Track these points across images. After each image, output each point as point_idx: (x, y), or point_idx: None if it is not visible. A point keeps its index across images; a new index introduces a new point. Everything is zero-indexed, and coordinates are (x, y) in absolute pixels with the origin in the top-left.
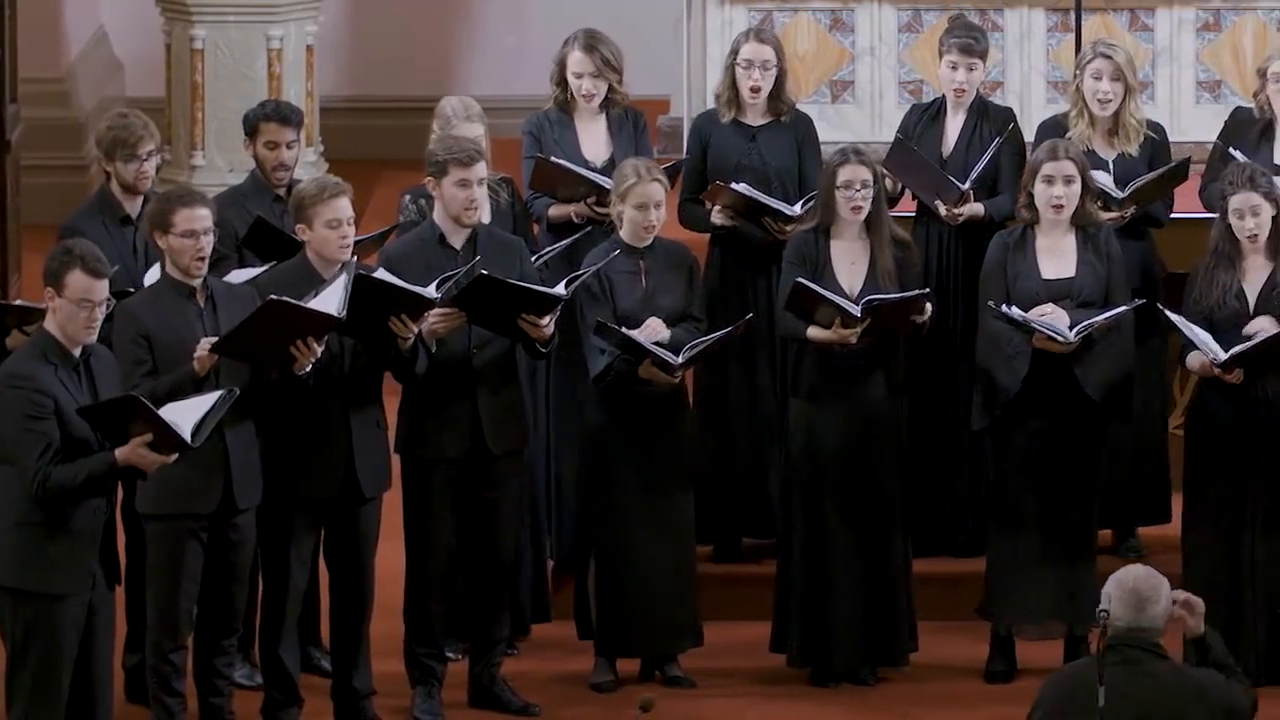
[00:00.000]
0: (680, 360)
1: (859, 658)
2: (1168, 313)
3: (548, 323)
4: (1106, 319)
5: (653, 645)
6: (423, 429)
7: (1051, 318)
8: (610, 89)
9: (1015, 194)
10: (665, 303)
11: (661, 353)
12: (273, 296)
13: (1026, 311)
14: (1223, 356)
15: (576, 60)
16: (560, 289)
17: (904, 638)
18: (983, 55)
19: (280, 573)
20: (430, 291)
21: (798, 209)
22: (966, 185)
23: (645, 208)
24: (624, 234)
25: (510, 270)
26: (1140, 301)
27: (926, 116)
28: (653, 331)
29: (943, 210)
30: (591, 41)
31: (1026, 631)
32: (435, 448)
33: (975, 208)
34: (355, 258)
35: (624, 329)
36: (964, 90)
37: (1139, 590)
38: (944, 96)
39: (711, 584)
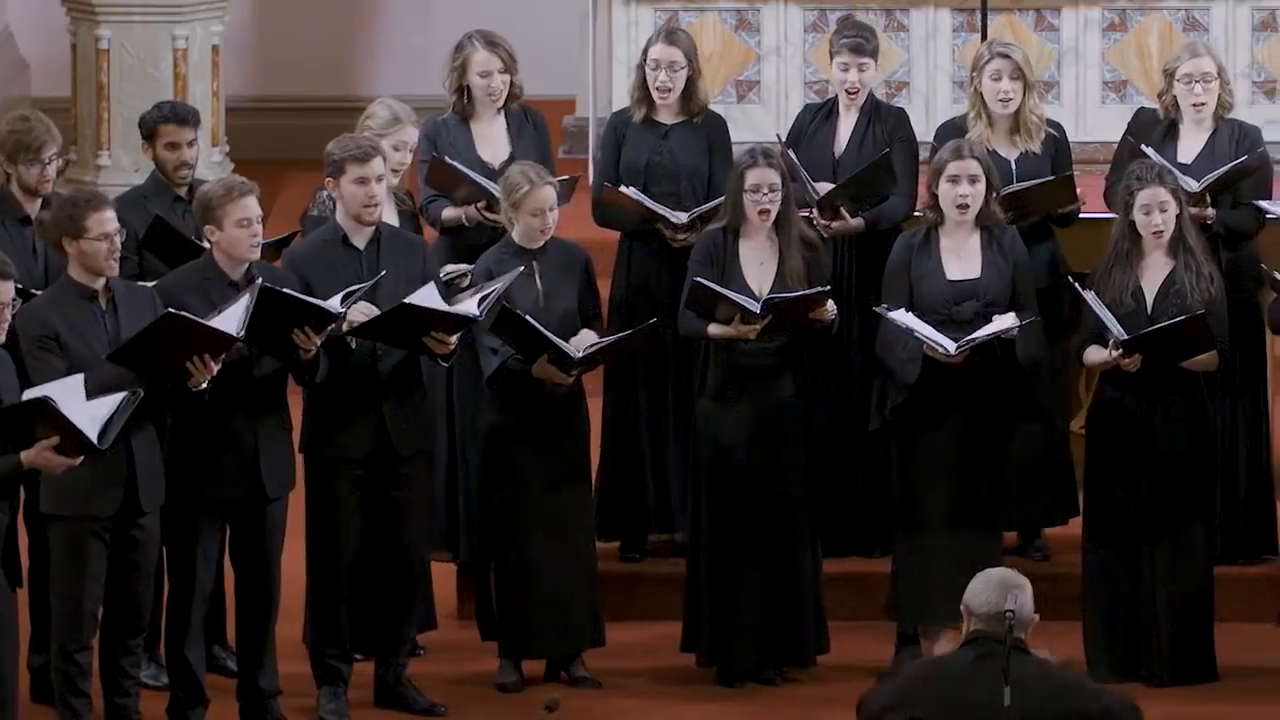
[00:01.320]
0: (580, 355)
1: (766, 658)
2: (1078, 287)
3: (454, 340)
4: (989, 334)
5: (553, 646)
6: (328, 429)
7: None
8: (511, 83)
9: (910, 196)
10: (560, 304)
11: (563, 345)
12: (170, 310)
13: (936, 311)
14: (1124, 336)
15: (482, 59)
16: (472, 308)
17: (812, 638)
18: (873, 54)
19: (186, 572)
20: (334, 305)
21: (684, 218)
22: (823, 195)
23: (540, 213)
24: (517, 237)
25: (414, 270)
26: (1031, 320)
27: (820, 116)
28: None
29: (816, 220)
30: (492, 38)
31: (931, 631)
32: (340, 448)
33: (851, 223)
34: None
35: (527, 316)
36: (856, 90)
37: (1007, 583)
38: (836, 97)
39: (617, 584)
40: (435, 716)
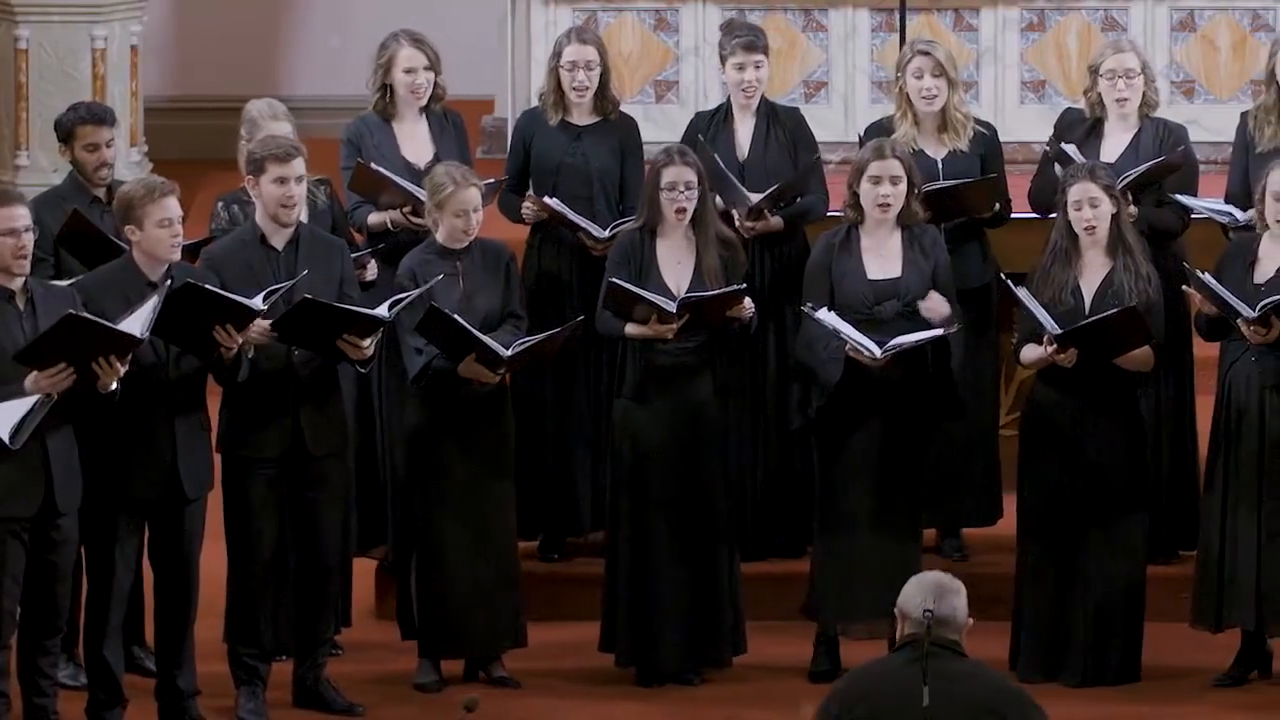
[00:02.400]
0: (510, 354)
1: (684, 658)
2: (1011, 284)
3: (369, 344)
4: (917, 340)
5: (475, 646)
6: (243, 429)
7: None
8: (434, 83)
9: (823, 194)
10: (483, 303)
11: (492, 344)
12: (70, 311)
13: (857, 310)
14: (1057, 330)
15: (407, 56)
16: (383, 311)
17: (729, 638)
18: (765, 52)
19: (104, 573)
20: (256, 303)
21: (605, 233)
22: (758, 199)
23: (464, 214)
24: (440, 238)
25: (331, 272)
26: (956, 328)
27: (715, 122)
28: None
29: (736, 221)
30: (418, 36)
31: (852, 631)
32: (255, 447)
33: (772, 222)
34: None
35: (456, 316)
36: (754, 88)
37: (940, 587)
38: (728, 101)
39: (536, 584)
40: (354, 716)
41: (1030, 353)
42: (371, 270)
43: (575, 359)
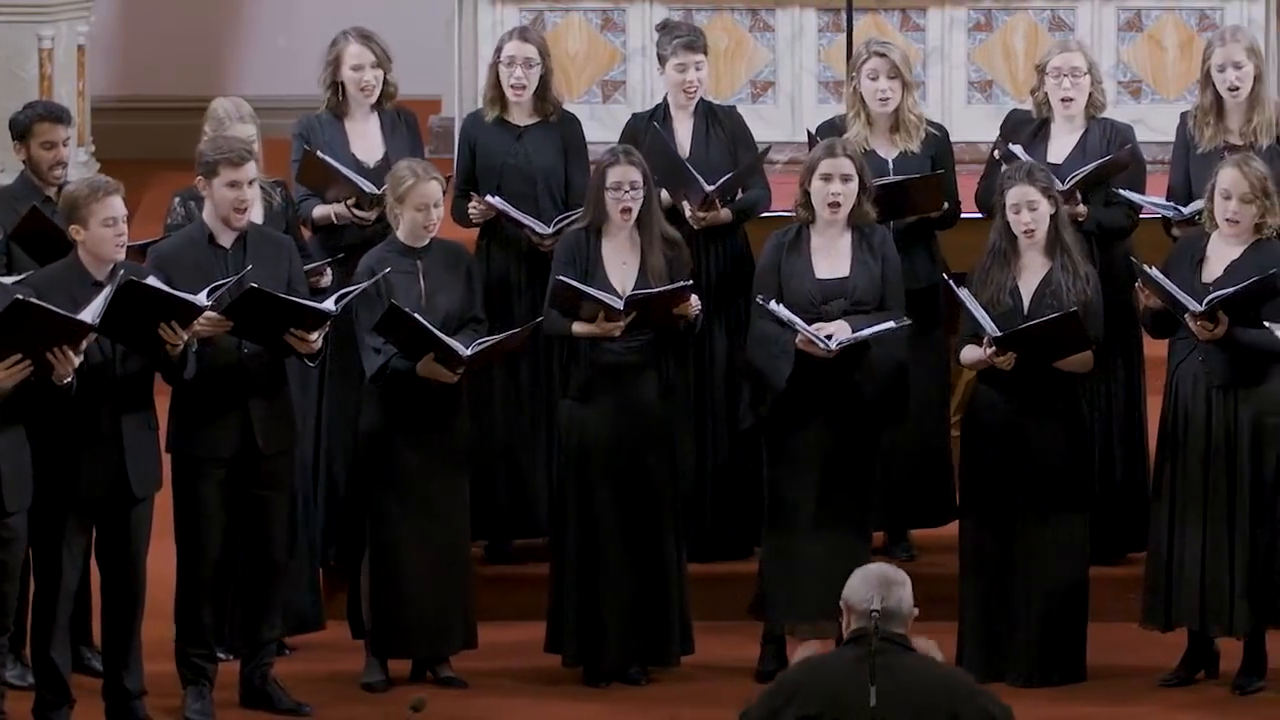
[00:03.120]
0: (469, 353)
1: (630, 657)
2: (952, 284)
3: (316, 338)
4: (870, 334)
5: (426, 646)
6: (192, 428)
7: (828, 326)
8: (384, 80)
9: (764, 188)
10: (443, 303)
11: (452, 343)
12: (18, 297)
13: (804, 309)
14: (997, 333)
15: (355, 53)
16: (329, 305)
17: (676, 638)
18: (705, 52)
19: (51, 572)
20: (201, 299)
21: (550, 229)
22: (713, 188)
23: (425, 208)
24: (401, 234)
25: (279, 270)
26: (907, 322)
27: (653, 123)
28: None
29: (688, 212)
30: (366, 34)
31: (800, 631)
32: (205, 447)
33: (721, 214)
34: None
35: (417, 315)
36: (696, 89)
37: (885, 579)
38: (666, 102)
39: (484, 584)
40: (301, 716)
41: (970, 354)
42: (327, 278)
43: (522, 360)
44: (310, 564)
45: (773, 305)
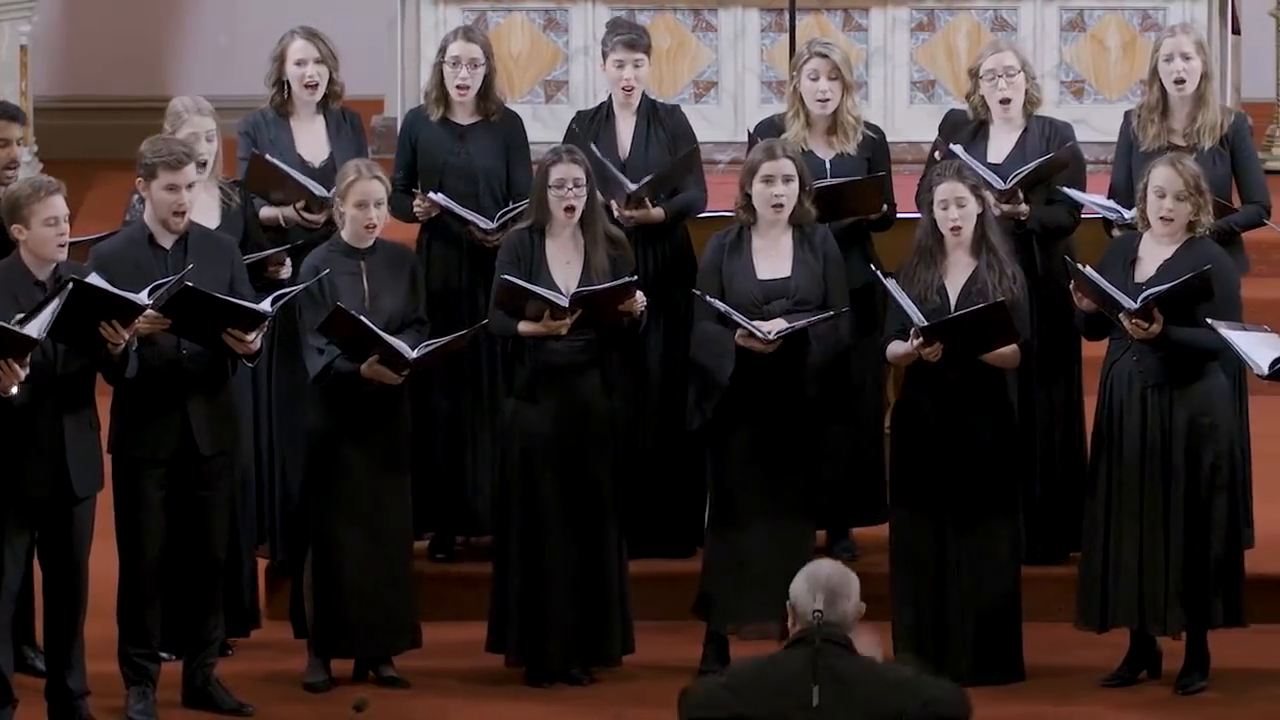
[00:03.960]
0: (415, 355)
1: (573, 657)
2: (880, 275)
3: (253, 338)
4: (807, 323)
5: (369, 646)
6: (133, 429)
7: (765, 324)
8: (331, 79)
9: (704, 189)
10: (387, 304)
11: (397, 344)
12: None
13: (746, 310)
14: (923, 322)
15: (299, 48)
16: (266, 305)
17: (619, 638)
18: (647, 51)
19: None
20: (142, 298)
21: (494, 224)
22: (635, 188)
23: (365, 205)
24: (345, 234)
25: (221, 271)
26: (845, 310)
27: (596, 121)
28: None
29: (615, 211)
30: (314, 32)
31: (743, 631)
32: (146, 447)
33: (652, 212)
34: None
35: (362, 317)
36: (634, 87)
37: (831, 583)
38: (609, 100)
39: (427, 584)
40: (243, 716)
41: (897, 347)
42: (287, 269)
43: (466, 359)
44: (251, 563)
45: (710, 299)
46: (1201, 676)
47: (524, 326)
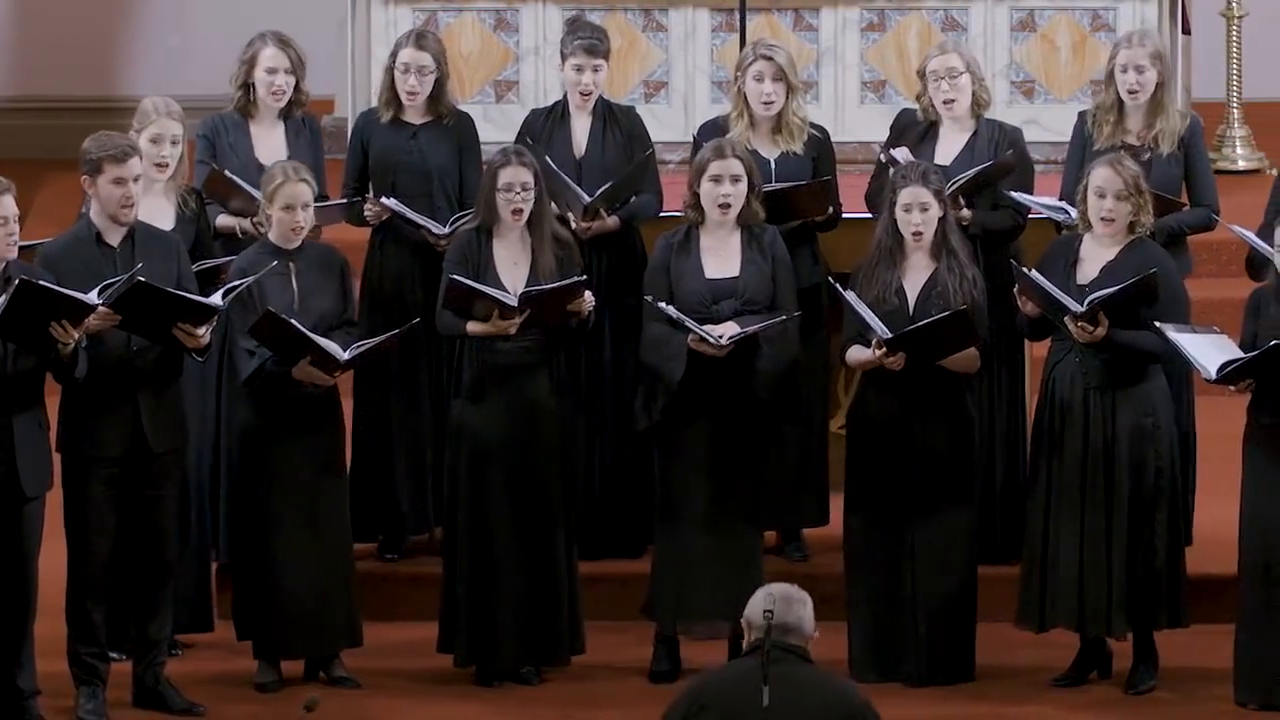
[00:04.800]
0: (347, 357)
1: (522, 657)
2: (838, 287)
3: (204, 333)
4: (760, 328)
5: (309, 646)
6: (83, 427)
7: (717, 328)
8: (297, 87)
9: (660, 193)
10: (316, 306)
11: (328, 346)
12: None
13: (694, 310)
14: (887, 334)
15: (270, 56)
16: (216, 299)
17: (568, 638)
18: (606, 56)
19: None
20: (91, 298)
21: (446, 229)
22: (590, 200)
23: (292, 209)
24: (273, 236)
25: (169, 268)
26: (797, 314)
27: (551, 120)
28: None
29: (573, 223)
30: (284, 38)
31: (693, 632)
32: (95, 446)
33: (609, 222)
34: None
35: (293, 321)
36: (591, 92)
37: (789, 595)
38: (565, 99)
39: (376, 584)
40: (194, 716)
41: (857, 354)
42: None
43: (415, 359)
44: (202, 563)
45: (662, 305)
46: (1151, 676)
47: (473, 327)
